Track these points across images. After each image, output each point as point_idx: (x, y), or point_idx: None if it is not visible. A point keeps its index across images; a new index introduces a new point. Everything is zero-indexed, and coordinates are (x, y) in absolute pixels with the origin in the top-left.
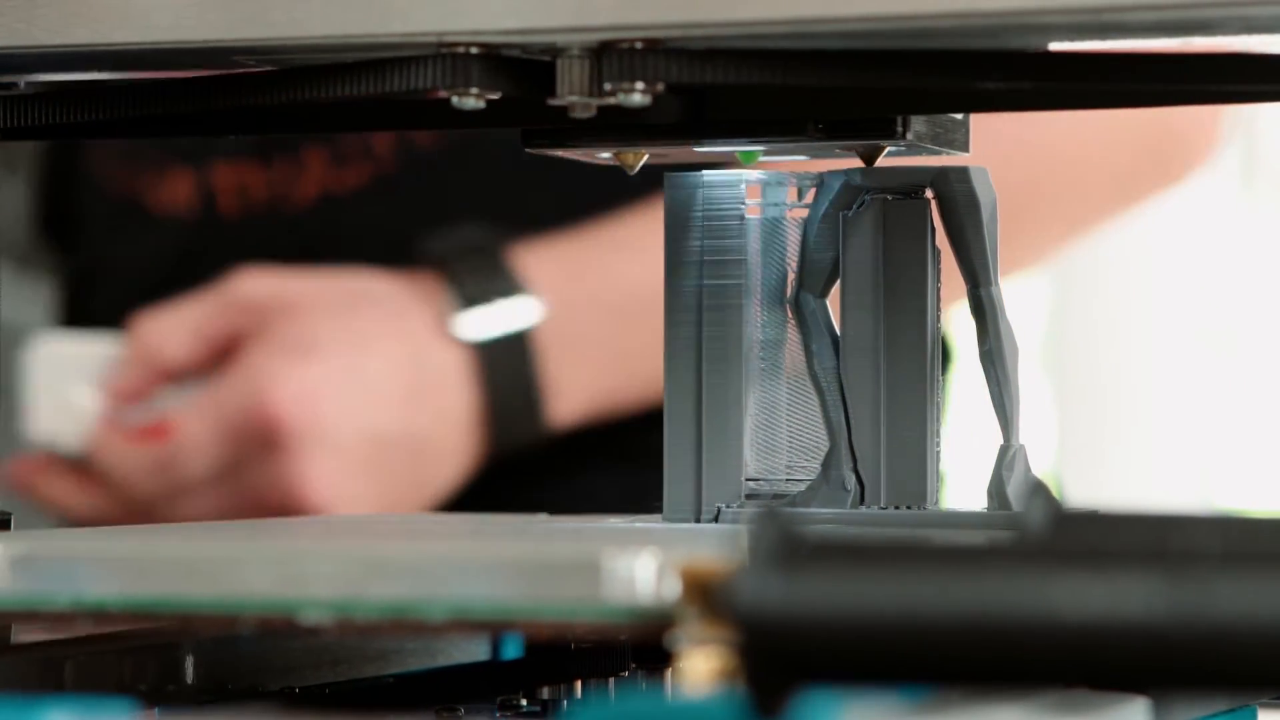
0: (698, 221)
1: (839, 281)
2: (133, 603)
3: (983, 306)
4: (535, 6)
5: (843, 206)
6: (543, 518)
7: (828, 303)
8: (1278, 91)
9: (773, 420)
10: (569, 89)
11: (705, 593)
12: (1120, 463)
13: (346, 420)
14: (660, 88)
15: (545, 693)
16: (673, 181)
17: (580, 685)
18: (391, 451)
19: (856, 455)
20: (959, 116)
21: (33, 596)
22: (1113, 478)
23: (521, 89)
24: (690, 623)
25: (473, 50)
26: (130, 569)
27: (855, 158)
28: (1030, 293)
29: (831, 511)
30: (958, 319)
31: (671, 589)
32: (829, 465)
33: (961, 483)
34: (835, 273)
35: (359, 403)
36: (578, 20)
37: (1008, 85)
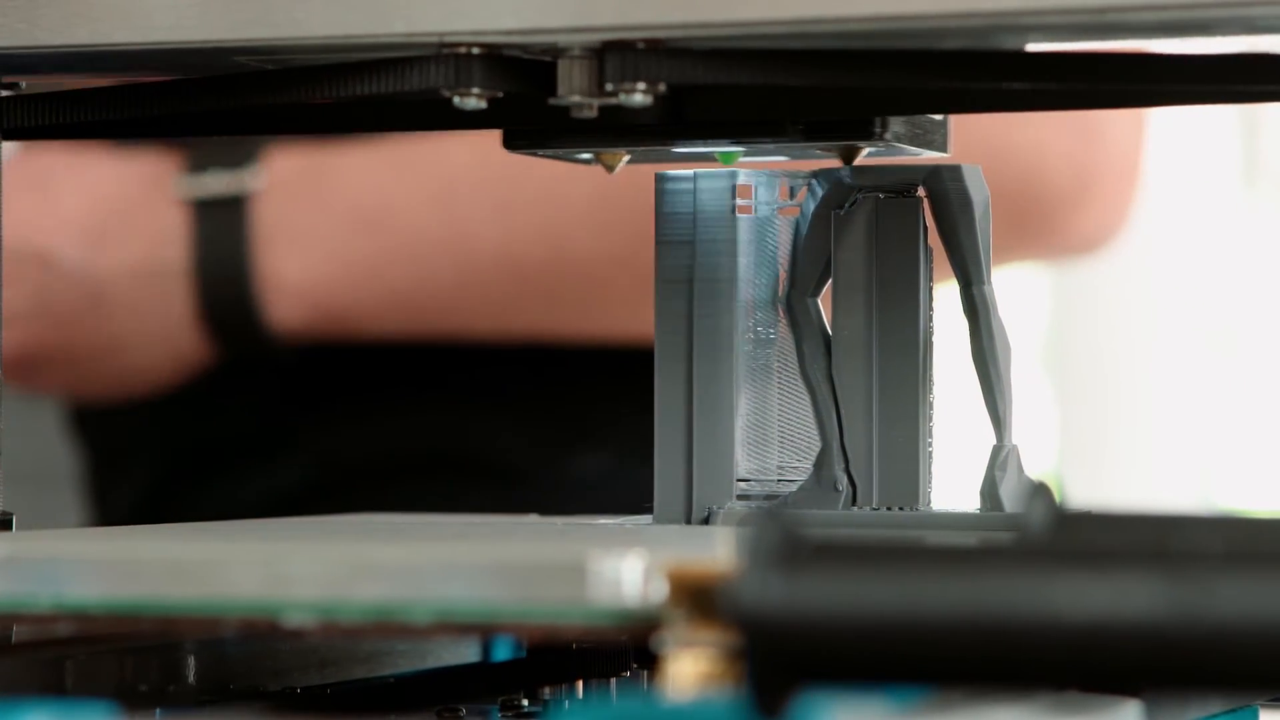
0: (689, 220)
1: (831, 281)
2: (116, 604)
3: (975, 305)
4: (537, 7)
5: (834, 205)
6: (532, 518)
7: (819, 302)
8: (1275, 92)
9: (764, 420)
10: (570, 89)
11: (694, 595)
12: (1121, 463)
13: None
14: (662, 88)
15: (546, 693)
16: (664, 180)
17: (581, 686)
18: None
19: (848, 455)
20: (938, 117)
21: (14, 598)
22: (1113, 478)
23: (523, 89)
24: (678, 625)
25: (474, 50)
26: (113, 571)
27: (835, 158)
28: (1031, 292)
29: (829, 514)
30: (949, 318)
31: (658, 591)
32: (821, 465)
33: (953, 483)
34: (827, 272)
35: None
36: (579, 20)
37: (1000, 85)
